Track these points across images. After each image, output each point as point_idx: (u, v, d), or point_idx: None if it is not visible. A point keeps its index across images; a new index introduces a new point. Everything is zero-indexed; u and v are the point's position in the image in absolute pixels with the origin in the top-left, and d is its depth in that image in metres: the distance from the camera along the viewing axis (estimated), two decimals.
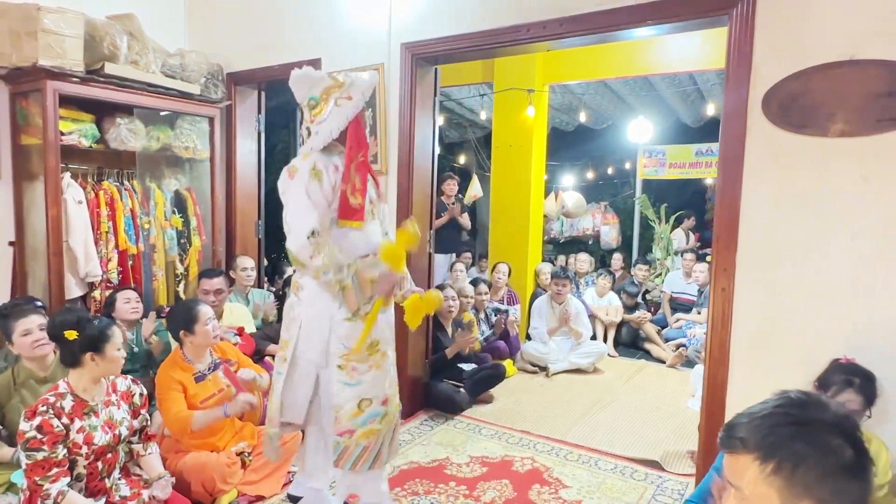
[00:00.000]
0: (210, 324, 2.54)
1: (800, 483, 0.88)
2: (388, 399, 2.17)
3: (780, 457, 0.88)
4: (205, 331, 2.51)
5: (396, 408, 2.25)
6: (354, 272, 1.99)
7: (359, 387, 2.08)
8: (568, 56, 5.03)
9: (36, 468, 1.84)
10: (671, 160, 7.79)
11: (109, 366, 2.02)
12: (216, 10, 4.09)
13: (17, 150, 3.31)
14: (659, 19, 2.60)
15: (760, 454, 0.90)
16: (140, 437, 2.18)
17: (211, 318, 2.56)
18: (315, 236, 1.95)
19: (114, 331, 2.04)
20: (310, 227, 1.94)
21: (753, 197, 2.41)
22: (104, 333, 2.00)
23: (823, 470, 0.88)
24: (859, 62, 2.16)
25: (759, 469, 0.90)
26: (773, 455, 0.89)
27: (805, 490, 0.88)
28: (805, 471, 0.88)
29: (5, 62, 3.10)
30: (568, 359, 4.60)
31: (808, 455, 0.88)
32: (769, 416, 0.93)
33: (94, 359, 1.97)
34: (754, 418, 0.93)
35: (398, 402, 2.28)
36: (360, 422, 2.08)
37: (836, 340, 2.22)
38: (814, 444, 0.88)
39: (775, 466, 0.88)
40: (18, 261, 3.36)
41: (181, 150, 3.80)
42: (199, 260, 3.90)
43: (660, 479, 2.80)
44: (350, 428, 2.07)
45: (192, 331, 2.50)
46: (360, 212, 2.05)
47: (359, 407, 2.08)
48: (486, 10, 3.00)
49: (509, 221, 5.44)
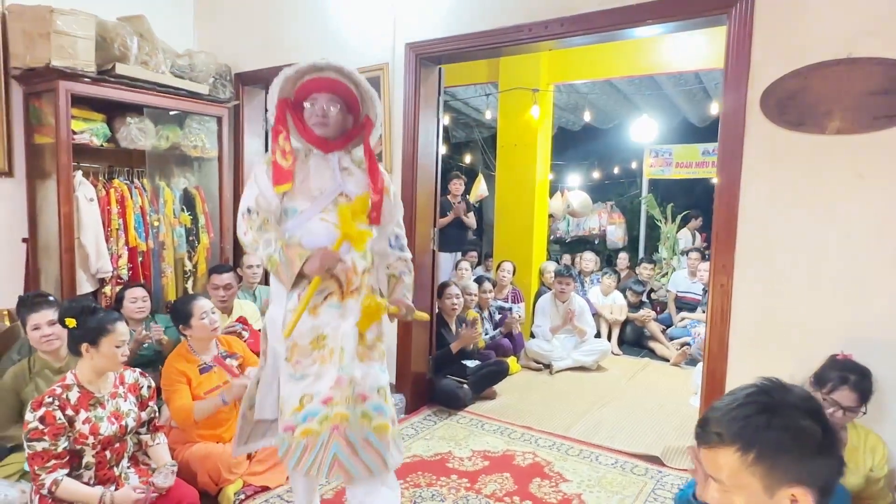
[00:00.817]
0: (207, 318, 2.57)
1: (780, 468, 0.91)
2: (331, 400, 1.89)
3: (760, 447, 0.92)
4: (201, 324, 2.55)
5: (343, 418, 1.88)
6: (281, 245, 1.90)
7: (302, 382, 1.92)
8: (573, 55, 5.05)
9: (36, 458, 1.88)
10: (678, 160, 7.79)
11: (104, 361, 2.00)
12: (224, 11, 4.15)
13: (30, 149, 3.39)
14: (659, 19, 2.63)
15: (739, 446, 0.93)
16: (148, 428, 2.23)
17: (207, 311, 2.59)
18: (249, 214, 1.94)
19: (115, 327, 2.01)
20: (245, 205, 1.96)
21: (752, 194, 2.44)
22: (102, 327, 1.99)
23: (800, 452, 0.91)
24: (856, 60, 2.18)
25: (740, 461, 0.93)
26: (752, 446, 0.92)
27: (785, 474, 0.91)
28: (784, 456, 0.91)
29: (19, 63, 3.18)
30: (571, 356, 4.63)
31: (784, 441, 0.91)
32: (740, 406, 0.95)
33: (90, 351, 1.99)
34: (727, 411, 0.96)
35: (358, 413, 1.92)
36: (301, 418, 1.91)
37: (833, 336, 2.24)
38: (788, 428, 0.92)
39: (755, 457, 0.92)
40: (31, 257, 3.44)
41: (190, 149, 3.87)
42: (207, 257, 3.96)
43: (660, 473, 2.82)
44: (292, 424, 1.92)
45: (188, 325, 2.56)
46: (288, 175, 1.95)
47: (300, 402, 1.92)
48: (488, 10, 3.04)
49: (514, 220, 5.47)
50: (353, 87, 2.00)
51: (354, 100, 2.02)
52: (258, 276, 3.92)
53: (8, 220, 3.37)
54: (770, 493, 0.92)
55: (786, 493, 0.91)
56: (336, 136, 2.01)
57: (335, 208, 1.96)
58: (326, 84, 1.97)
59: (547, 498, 2.56)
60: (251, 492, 2.51)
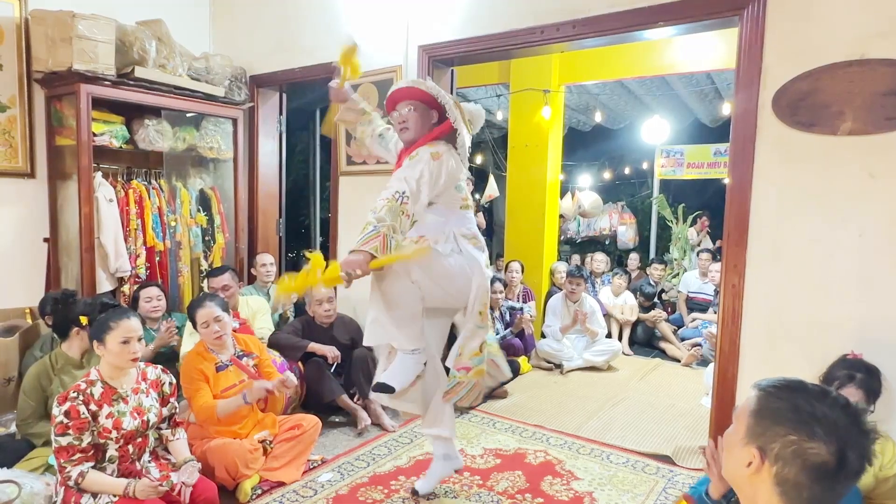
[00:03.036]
0: (209, 326, 2.58)
1: (762, 428, 0.99)
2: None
3: (764, 403, 1.00)
4: (204, 332, 2.61)
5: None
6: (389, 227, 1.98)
7: (483, 331, 2.29)
8: (584, 56, 5.07)
9: (62, 452, 1.94)
10: (689, 160, 7.75)
11: (113, 357, 2.04)
12: (239, 15, 4.22)
13: (51, 151, 3.47)
14: (670, 20, 2.64)
15: (758, 395, 1.01)
16: (169, 423, 2.29)
17: (209, 321, 2.58)
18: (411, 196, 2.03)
19: (118, 324, 2.03)
20: (417, 186, 2.06)
21: (763, 195, 2.45)
22: (105, 325, 2.03)
23: (790, 431, 0.96)
24: (868, 61, 2.19)
25: (750, 407, 1.01)
26: (760, 401, 1.00)
27: (761, 436, 0.98)
28: (769, 422, 0.98)
29: (42, 67, 3.26)
30: (582, 356, 4.64)
31: (782, 411, 0.97)
32: (791, 380, 1.02)
33: (99, 347, 2.04)
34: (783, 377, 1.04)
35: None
36: (477, 361, 2.27)
37: (844, 336, 2.25)
38: (796, 408, 0.97)
39: (756, 409, 1.00)
40: (53, 256, 3.52)
41: (206, 150, 3.94)
42: (222, 257, 4.03)
43: (671, 472, 2.83)
44: (469, 365, 2.27)
45: (196, 329, 2.66)
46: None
47: (480, 349, 2.28)
48: (500, 13, 3.08)
49: (525, 221, 5.49)
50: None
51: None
52: (272, 275, 3.97)
53: (30, 220, 3.45)
54: (744, 443, 0.99)
55: (751, 449, 0.98)
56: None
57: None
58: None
59: (558, 496, 2.59)
60: (268, 487, 2.56)
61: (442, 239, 2.17)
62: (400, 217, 1.98)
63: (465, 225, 2.28)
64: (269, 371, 2.78)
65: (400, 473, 2.75)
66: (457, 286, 2.22)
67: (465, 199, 2.32)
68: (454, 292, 2.24)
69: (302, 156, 6.90)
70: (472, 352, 2.27)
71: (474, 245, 2.27)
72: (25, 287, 3.40)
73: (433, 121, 2.24)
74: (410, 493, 2.54)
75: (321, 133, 1.85)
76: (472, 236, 2.28)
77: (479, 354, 2.28)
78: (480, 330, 2.28)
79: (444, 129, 2.21)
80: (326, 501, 2.49)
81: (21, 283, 3.40)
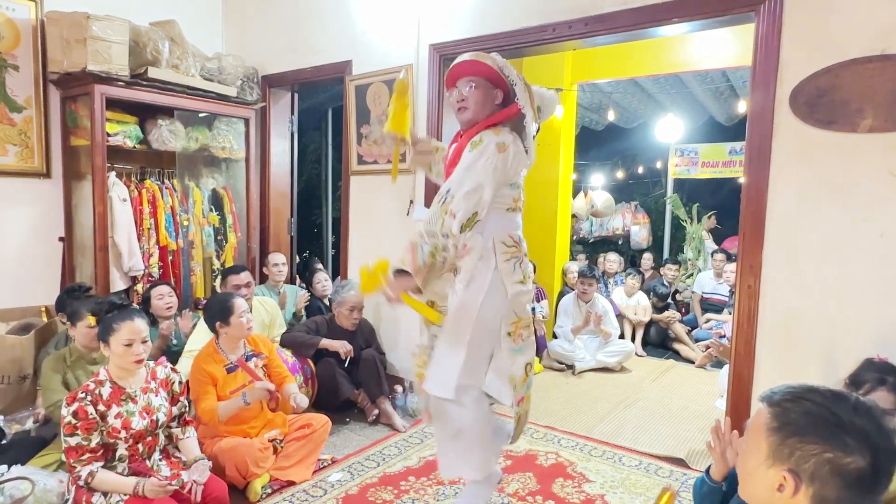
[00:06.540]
0: (244, 316, 2.64)
1: (788, 448, 0.94)
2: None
3: (784, 419, 0.95)
4: (239, 322, 2.62)
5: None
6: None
7: (523, 353, 1.97)
8: (597, 54, 5.01)
9: (71, 452, 1.96)
10: (703, 159, 7.67)
11: (117, 358, 2.04)
12: (251, 15, 4.23)
13: (66, 151, 3.51)
14: (684, 17, 2.60)
15: (774, 411, 0.97)
16: (179, 422, 2.29)
17: (245, 310, 2.66)
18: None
19: (121, 325, 2.03)
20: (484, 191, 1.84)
21: (780, 194, 2.40)
22: (109, 326, 2.04)
23: (817, 442, 0.93)
24: (889, 57, 2.13)
25: (766, 423, 0.97)
26: (780, 417, 0.96)
27: (789, 457, 0.94)
28: (795, 439, 0.94)
29: (57, 68, 3.30)
30: (595, 357, 4.60)
31: (805, 426, 0.93)
32: (807, 388, 0.98)
33: (105, 348, 2.05)
34: (795, 385, 1.00)
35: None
36: (527, 387, 2.00)
37: (862, 338, 2.20)
38: (822, 419, 0.93)
39: (776, 426, 0.96)
40: (67, 255, 3.55)
41: (218, 150, 3.96)
42: (234, 256, 4.05)
43: (685, 476, 2.79)
44: (522, 395, 1.99)
45: (227, 322, 2.61)
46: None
47: (525, 372, 1.98)
48: (511, 11, 3.05)
49: (537, 220, 5.44)
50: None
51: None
52: (283, 275, 3.98)
53: (45, 219, 3.49)
54: (769, 465, 0.94)
55: (779, 471, 0.93)
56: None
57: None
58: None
59: (570, 498, 2.56)
60: (277, 486, 2.56)
61: (475, 255, 1.88)
62: (442, 218, 1.75)
63: (508, 229, 1.96)
64: (278, 371, 2.78)
65: (410, 474, 2.74)
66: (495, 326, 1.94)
67: (516, 199, 1.99)
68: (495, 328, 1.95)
69: (313, 155, 6.92)
70: (521, 378, 1.97)
71: (513, 254, 1.94)
72: (41, 286, 3.44)
73: (497, 101, 1.94)
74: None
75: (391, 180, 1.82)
76: (512, 244, 1.96)
77: (526, 379, 1.99)
78: (517, 354, 1.96)
79: (510, 112, 1.91)
80: (336, 501, 2.49)
81: (36, 282, 3.44)
